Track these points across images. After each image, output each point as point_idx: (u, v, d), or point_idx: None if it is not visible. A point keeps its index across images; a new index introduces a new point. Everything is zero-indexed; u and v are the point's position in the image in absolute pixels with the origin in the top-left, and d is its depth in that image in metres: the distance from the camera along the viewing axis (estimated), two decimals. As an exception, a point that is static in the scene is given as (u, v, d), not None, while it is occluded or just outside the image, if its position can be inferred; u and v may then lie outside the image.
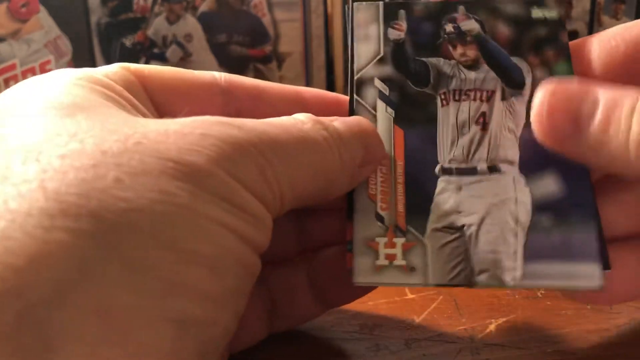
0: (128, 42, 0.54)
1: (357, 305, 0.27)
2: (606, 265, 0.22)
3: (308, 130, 0.21)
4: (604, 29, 0.25)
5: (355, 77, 0.25)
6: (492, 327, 0.26)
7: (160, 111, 0.23)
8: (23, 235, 0.14)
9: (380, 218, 0.23)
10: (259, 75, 0.53)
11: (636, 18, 0.52)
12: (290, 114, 0.23)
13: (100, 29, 0.54)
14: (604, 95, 0.21)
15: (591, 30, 0.52)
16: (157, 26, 0.54)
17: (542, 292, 0.28)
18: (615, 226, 0.24)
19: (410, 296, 0.29)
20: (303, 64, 0.55)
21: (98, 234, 0.15)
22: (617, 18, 0.52)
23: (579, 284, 0.22)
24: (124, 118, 0.19)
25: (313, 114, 0.23)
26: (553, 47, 0.25)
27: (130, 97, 0.22)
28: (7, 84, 0.56)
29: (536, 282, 0.22)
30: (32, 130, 0.17)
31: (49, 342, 0.14)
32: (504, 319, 0.27)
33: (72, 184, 0.15)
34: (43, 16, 0.54)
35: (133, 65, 0.23)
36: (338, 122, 0.22)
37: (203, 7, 0.54)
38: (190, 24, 0.55)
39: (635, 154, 0.20)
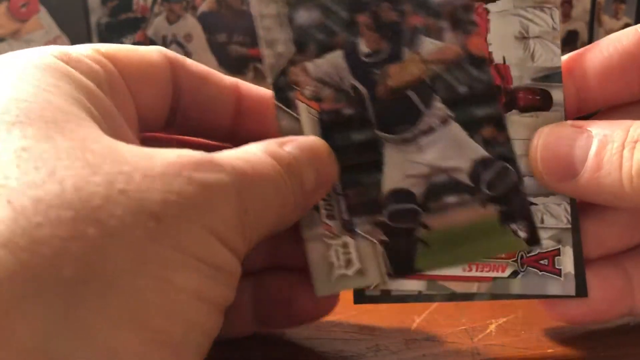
0: (128, 42, 0.54)
1: (357, 306, 0.27)
2: (583, 291, 0.23)
3: (270, 169, 0.20)
4: (604, 28, 0.25)
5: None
6: (492, 327, 0.26)
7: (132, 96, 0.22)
8: None
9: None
10: (258, 75, 0.53)
11: (636, 18, 0.52)
12: (227, 104, 0.24)
13: (100, 29, 0.54)
14: (595, 133, 0.21)
15: (591, 30, 0.52)
16: (157, 26, 0.54)
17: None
18: (599, 246, 0.24)
19: (410, 296, 0.28)
20: (303, 63, 0.54)
21: (62, 310, 0.14)
22: (617, 18, 0.52)
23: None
24: (107, 146, 0.17)
25: (246, 109, 0.24)
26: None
27: (109, 101, 0.20)
28: (7, 84, 0.56)
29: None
30: (5, 155, 0.15)
31: None
32: (504, 319, 0.27)
33: (44, 243, 0.14)
34: (43, 16, 0.54)
35: (104, 48, 0.22)
36: (292, 147, 0.21)
37: (203, 7, 0.54)
38: (190, 24, 0.55)
39: (629, 189, 0.20)
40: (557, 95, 0.24)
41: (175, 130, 0.25)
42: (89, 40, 0.54)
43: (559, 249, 0.23)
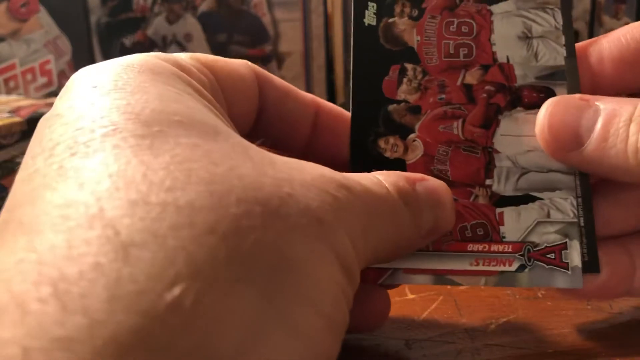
0: (128, 42, 0.54)
1: (357, 305, 0.27)
2: (595, 267, 0.23)
3: (395, 202, 0.20)
4: (605, 28, 0.26)
5: None
6: (492, 327, 0.26)
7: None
8: (208, 288, 0.13)
9: None
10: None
11: (636, 18, 0.52)
12: (306, 118, 0.25)
13: (100, 28, 0.54)
14: (603, 107, 0.22)
15: (591, 30, 0.52)
16: (157, 26, 0.54)
17: (543, 292, 0.28)
18: (612, 224, 0.24)
19: (410, 296, 0.28)
20: (303, 63, 0.54)
21: (270, 294, 0.14)
22: (617, 18, 0.52)
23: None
24: (260, 151, 0.18)
25: (323, 125, 0.24)
26: None
27: (222, 109, 0.21)
28: (6, 83, 0.56)
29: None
30: (183, 148, 0.16)
31: None
32: (505, 319, 0.27)
33: (247, 232, 0.14)
34: (43, 16, 0.54)
35: (202, 58, 0.22)
36: (421, 187, 0.22)
37: (203, 7, 0.54)
38: (190, 24, 0.55)
39: (634, 161, 0.21)
40: (560, 92, 0.24)
41: (252, 141, 0.25)
42: (88, 40, 0.54)
43: (565, 243, 0.23)
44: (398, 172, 0.22)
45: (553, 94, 0.24)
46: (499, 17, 0.25)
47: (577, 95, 0.23)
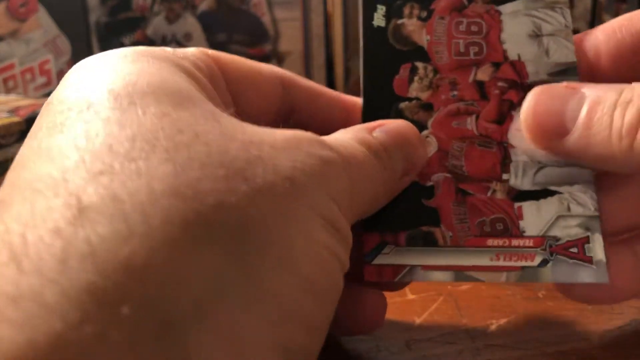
0: (127, 41, 0.54)
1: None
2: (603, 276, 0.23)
3: (361, 155, 0.21)
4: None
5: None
6: (493, 327, 0.26)
7: (233, 99, 0.23)
8: (162, 246, 0.14)
9: None
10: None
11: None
12: (335, 119, 0.24)
13: (99, 28, 0.54)
14: (588, 94, 0.21)
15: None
16: (157, 25, 0.54)
17: (543, 292, 0.28)
18: (614, 220, 0.24)
19: (410, 297, 0.28)
20: (303, 63, 0.54)
21: (233, 254, 0.15)
22: (617, 17, 0.52)
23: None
24: (232, 120, 0.18)
25: (351, 120, 0.24)
26: None
27: (214, 91, 0.21)
28: (5, 83, 0.56)
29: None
30: (150, 118, 0.16)
31: (188, 358, 0.13)
32: (505, 320, 0.26)
33: (208, 194, 0.15)
34: (42, 15, 0.54)
35: (210, 51, 0.23)
36: (381, 133, 0.22)
37: (202, 7, 0.54)
38: (189, 23, 0.55)
39: (618, 148, 0.20)
40: None
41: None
42: (87, 39, 0.54)
43: (588, 237, 0.23)
44: (356, 126, 0.22)
45: None
46: (508, 16, 0.25)
47: (564, 84, 0.23)
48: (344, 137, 0.21)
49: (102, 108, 0.17)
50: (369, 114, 0.24)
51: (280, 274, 0.15)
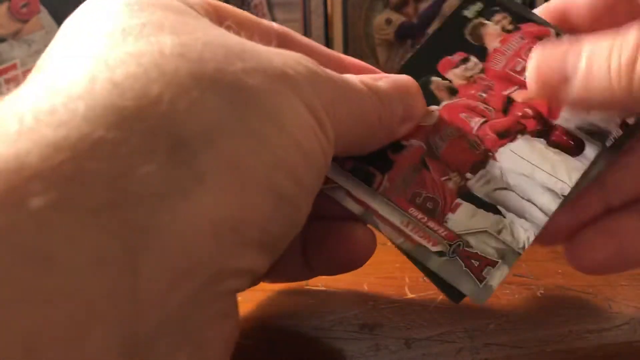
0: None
1: (357, 305, 0.28)
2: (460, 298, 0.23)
3: (360, 87, 0.22)
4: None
5: None
6: (491, 326, 0.26)
7: None
8: (175, 87, 0.16)
9: None
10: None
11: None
12: None
13: (101, 29, 0.54)
14: (586, 44, 0.22)
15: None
16: (158, 26, 0.54)
17: (542, 291, 0.29)
18: (621, 190, 0.25)
19: (410, 296, 0.29)
20: (303, 64, 0.54)
21: (233, 104, 0.17)
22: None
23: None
24: (223, 31, 0.20)
25: None
26: None
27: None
28: (7, 84, 0.56)
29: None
30: (157, 15, 0.19)
31: (198, 177, 0.16)
32: (504, 319, 0.27)
33: (209, 61, 0.17)
34: (44, 16, 0.54)
35: (212, 1, 0.24)
36: (383, 82, 0.23)
37: (203, 8, 0.54)
38: (190, 24, 0.55)
39: (617, 86, 0.21)
40: (589, 150, 0.24)
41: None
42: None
43: (497, 263, 0.23)
44: (366, 74, 0.24)
45: (582, 147, 0.25)
46: None
47: (565, 39, 0.24)
48: (346, 75, 0.22)
49: (115, 7, 0.19)
50: (402, 72, 0.26)
51: (271, 128, 0.18)
